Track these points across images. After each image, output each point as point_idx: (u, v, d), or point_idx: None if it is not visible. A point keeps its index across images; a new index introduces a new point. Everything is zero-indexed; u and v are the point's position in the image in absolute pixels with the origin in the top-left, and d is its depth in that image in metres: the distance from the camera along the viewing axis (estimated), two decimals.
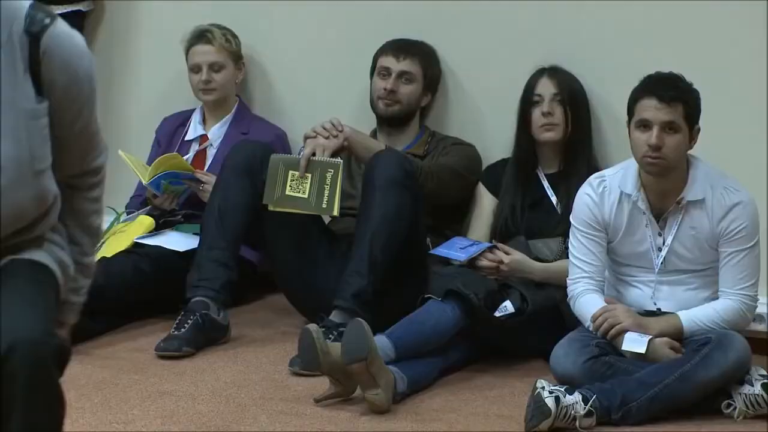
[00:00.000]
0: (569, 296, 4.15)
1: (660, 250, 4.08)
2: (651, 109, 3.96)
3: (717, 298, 4.05)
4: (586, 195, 4.14)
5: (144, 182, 4.81)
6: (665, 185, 4.04)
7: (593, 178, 4.16)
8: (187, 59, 5.12)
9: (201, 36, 5.08)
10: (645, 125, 3.97)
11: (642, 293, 4.14)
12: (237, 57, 5.13)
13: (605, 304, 4.06)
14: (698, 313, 4.02)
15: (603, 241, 4.13)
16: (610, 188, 4.10)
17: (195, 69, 5.09)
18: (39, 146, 2.47)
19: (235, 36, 5.13)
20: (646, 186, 4.05)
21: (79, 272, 2.70)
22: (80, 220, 2.68)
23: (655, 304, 4.11)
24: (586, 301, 4.09)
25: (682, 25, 4.64)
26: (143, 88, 5.32)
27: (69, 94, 2.50)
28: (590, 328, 4.04)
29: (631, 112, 4.03)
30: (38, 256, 2.51)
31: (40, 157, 2.48)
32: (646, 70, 4.08)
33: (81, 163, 2.63)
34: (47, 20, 2.43)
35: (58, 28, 2.46)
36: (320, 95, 5.15)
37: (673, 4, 4.65)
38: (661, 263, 4.09)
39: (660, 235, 4.08)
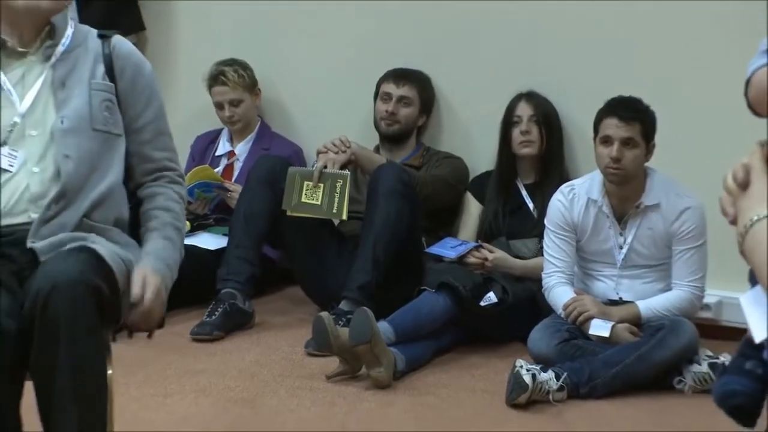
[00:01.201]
0: (544, 288, 4.16)
1: (621, 248, 4.08)
2: (612, 126, 3.97)
3: (671, 290, 4.06)
4: (558, 201, 4.14)
5: None
6: (625, 192, 4.04)
7: (564, 187, 4.18)
8: (210, 95, 5.14)
9: (216, 78, 5.07)
10: (607, 141, 3.98)
11: (606, 285, 4.14)
12: (252, 86, 5.12)
13: (575, 295, 4.07)
14: (654, 303, 4.03)
15: (572, 240, 4.12)
16: (578, 195, 4.11)
17: (218, 106, 5.11)
18: (98, 110, 2.63)
19: (246, 68, 5.10)
20: (609, 193, 4.07)
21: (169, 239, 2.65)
22: (162, 202, 2.70)
23: (617, 294, 4.12)
24: (559, 292, 4.10)
25: (640, 58, 4.62)
26: (179, 110, 5.20)
27: (137, 82, 2.71)
28: (562, 316, 4.06)
29: (596, 129, 4.05)
30: (100, 249, 2.46)
31: (98, 119, 2.63)
32: (608, 95, 4.11)
33: (157, 155, 2.74)
34: (111, 32, 2.77)
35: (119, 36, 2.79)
36: (331, 117, 5.16)
37: (632, 42, 4.66)
38: (623, 259, 4.09)
39: (621, 235, 4.07)
